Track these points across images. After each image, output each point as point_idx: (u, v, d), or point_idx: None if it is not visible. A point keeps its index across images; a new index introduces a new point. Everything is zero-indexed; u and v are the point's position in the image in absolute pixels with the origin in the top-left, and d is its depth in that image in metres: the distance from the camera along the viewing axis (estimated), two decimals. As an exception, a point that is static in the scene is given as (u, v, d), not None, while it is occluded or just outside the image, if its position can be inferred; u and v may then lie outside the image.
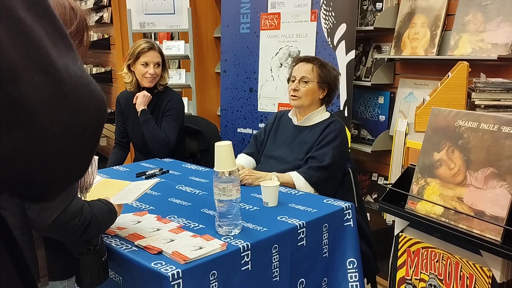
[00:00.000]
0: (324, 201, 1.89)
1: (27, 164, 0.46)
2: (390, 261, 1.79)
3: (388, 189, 1.76)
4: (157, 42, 3.55)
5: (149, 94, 2.61)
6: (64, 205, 1.19)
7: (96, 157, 1.42)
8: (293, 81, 2.25)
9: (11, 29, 0.43)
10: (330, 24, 2.91)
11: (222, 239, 1.49)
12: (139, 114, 2.59)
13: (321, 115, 2.28)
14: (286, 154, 2.26)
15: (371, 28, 2.82)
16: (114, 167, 2.54)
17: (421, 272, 1.65)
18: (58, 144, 0.47)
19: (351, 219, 1.82)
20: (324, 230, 1.74)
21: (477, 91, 1.93)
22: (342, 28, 2.85)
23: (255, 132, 3.04)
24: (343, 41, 2.85)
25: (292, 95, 2.25)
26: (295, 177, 2.11)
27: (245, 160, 2.39)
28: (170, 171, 2.35)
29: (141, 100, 2.59)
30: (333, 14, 2.89)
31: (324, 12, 2.93)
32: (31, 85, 0.44)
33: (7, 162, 0.45)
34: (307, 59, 2.29)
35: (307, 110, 2.27)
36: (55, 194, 0.53)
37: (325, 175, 2.11)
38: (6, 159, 0.45)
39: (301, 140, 2.25)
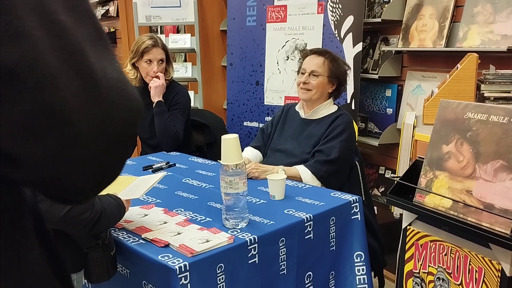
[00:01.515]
0: (331, 194, 1.88)
1: (62, 168, 0.46)
2: (398, 254, 1.78)
3: (396, 182, 1.74)
4: (162, 36, 3.55)
5: (161, 82, 2.59)
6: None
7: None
8: (303, 73, 2.24)
9: (51, 33, 0.43)
10: (337, 16, 2.88)
11: (229, 232, 1.49)
12: (154, 104, 2.58)
13: (329, 108, 2.26)
14: (293, 147, 2.25)
15: (379, 20, 2.79)
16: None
17: (429, 266, 1.64)
18: (93, 149, 0.47)
19: (359, 212, 1.81)
20: (331, 223, 1.74)
21: (487, 83, 1.91)
22: (349, 20, 2.83)
23: (261, 125, 3.03)
24: (350, 33, 2.83)
25: (301, 88, 2.24)
26: (302, 170, 2.10)
27: (251, 153, 2.38)
28: (176, 165, 2.35)
29: (154, 92, 2.58)
30: (340, 6, 2.86)
31: (331, 4, 2.90)
32: (69, 90, 0.44)
33: (43, 165, 0.45)
34: (318, 52, 2.27)
35: (314, 103, 2.25)
36: (88, 197, 0.53)
37: (332, 169, 2.10)
38: (42, 162, 0.45)
39: (308, 133, 2.24)
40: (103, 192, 1.39)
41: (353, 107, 2.83)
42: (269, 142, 2.39)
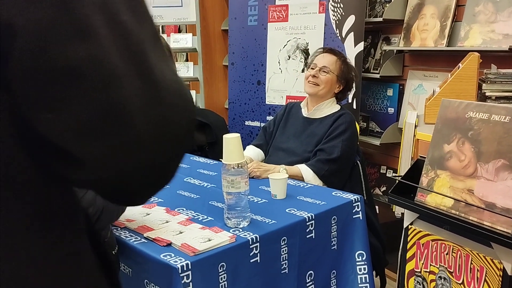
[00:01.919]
0: (333, 193, 1.89)
1: (122, 168, 0.47)
2: (399, 253, 1.78)
3: (397, 181, 1.75)
4: (164, 36, 3.55)
5: None
6: (80, 195, 1.20)
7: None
8: (313, 68, 2.25)
9: (115, 32, 0.43)
10: (339, 15, 2.89)
11: (230, 231, 1.49)
12: None
13: (331, 107, 2.27)
14: (295, 146, 2.26)
15: (380, 19, 2.79)
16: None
17: (430, 265, 1.64)
18: (152, 149, 0.47)
19: (360, 212, 1.82)
20: (332, 222, 1.74)
21: (488, 82, 1.91)
22: (350, 20, 2.83)
23: (263, 125, 3.04)
24: (352, 33, 2.83)
25: (309, 81, 2.25)
26: (304, 169, 2.10)
27: (253, 152, 2.38)
28: (178, 164, 2.35)
29: None
30: (342, 5, 2.86)
31: (333, 3, 2.90)
32: (131, 89, 0.44)
33: (104, 165, 0.46)
34: (333, 51, 2.32)
35: (319, 100, 2.26)
36: (144, 198, 0.53)
37: (334, 168, 2.10)
38: (103, 161, 0.45)
39: (311, 132, 2.24)
40: None
41: (354, 107, 2.84)
42: (271, 141, 2.39)
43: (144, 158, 0.47)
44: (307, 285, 1.67)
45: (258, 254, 1.48)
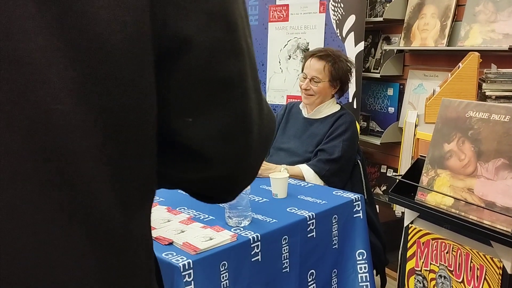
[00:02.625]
0: (334, 192, 1.89)
1: (239, 168, 0.55)
2: (400, 252, 1.79)
3: (398, 180, 1.75)
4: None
5: None
6: None
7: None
8: (305, 78, 2.24)
9: (248, 53, 0.52)
10: (339, 15, 2.89)
11: (232, 230, 1.50)
12: None
13: (331, 107, 2.27)
14: (296, 146, 2.26)
15: (380, 19, 2.80)
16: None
17: (431, 263, 1.65)
18: (258, 152, 0.55)
19: (361, 211, 1.82)
20: (333, 221, 1.75)
21: (488, 81, 1.91)
22: (351, 20, 2.83)
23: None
24: (352, 32, 2.83)
25: (304, 93, 2.25)
26: (305, 170, 2.11)
27: None
28: (179, 163, 2.36)
29: None
30: (342, 5, 2.87)
31: (333, 3, 2.91)
32: (253, 101, 0.53)
33: (228, 165, 0.53)
34: (319, 56, 2.25)
35: (317, 104, 2.27)
36: (236, 195, 0.61)
37: (335, 168, 2.11)
38: (228, 162, 0.53)
39: (311, 132, 2.25)
40: None
41: (355, 106, 2.84)
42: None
43: (253, 159, 0.56)
44: (309, 284, 1.68)
45: (259, 253, 1.48)
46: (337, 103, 2.34)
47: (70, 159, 0.43)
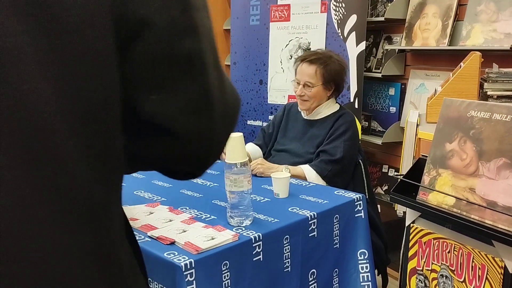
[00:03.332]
0: (335, 192, 1.90)
1: (204, 142, 0.57)
2: (401, 252, 1.79)
3: (399, 180, 1.75)
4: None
5: None
6: None
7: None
8: (298, 83, 2.22)
9: (205, 32, 0.55)
10: (340, 15, 2.89)
11: (233, 230, 1.50)
12: None
13: (330, 108, 2.27)
14: (297, 148, 2.26)
15: (382, 19, 2.80)
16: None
17: (432, 263, 1.65)
18: (221, 127, 0.58)
19: (362, 211, 1.82)
20: (335, 221, 1.75)
21: (490, 81, 1.91)
22: (352, 19, 2.83)
23: (265, 124, 3.05)
24: (354, 32, 2.83)
25: (299, 99, 2.24)
26: (307, 170, 2.11)
27: (252, 148, 2.39)
28: (181, 163, 2.36)
29: None
30: (343, 5, 2.87)
31: (334, 3, 2.91)
32: (213, 77, 0.55)
33: (193, 139, 0.56)
34: (310, 60, 2.21)
35: (314, 107, 2.25)
36: (206, 169, 0.64)
37: (337, 169, 2.11)
38: (193, 135, 0.56)
39: (312, 134, 2.24)
40: None
41: (356, 106, 2.84)
42: (271, 143, 2.39)
43: (218, 135, 0.58)
44: (310, 283, 1.68)
45: (261, 252, 1.48)
46: (336, 102, 2.32)
47: (49, 141, 0.45)
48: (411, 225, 1.72)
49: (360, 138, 2.76)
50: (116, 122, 0.51)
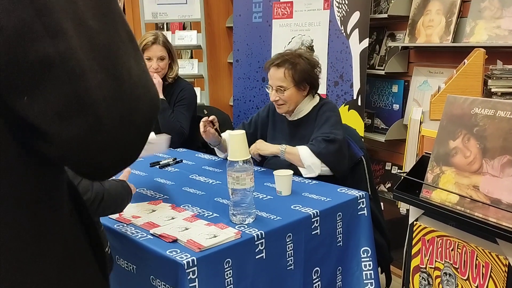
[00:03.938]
0: (338, 190, 1.89)
1: (85, 148, 0.54)
2: (405, 249, 1.78)
3: (402, 177, 1.75)
4: (169, 33, 3.56)
5: (159, 80, 2.61)
6: (76, 181, 1.21)
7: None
8: (271, 87, 2.20)
9: (81, 35, 0.52)
10: (343, 12, 2.88)
11: (236, 227, 1.50)
12: None
13: (310, 103, 2.23)
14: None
15: (385, 15, 2.78)
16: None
17: (436, 261, 1.64)
18: (115, 135, 0.55)
19: (365, 208, 1.82)
20: (338, 219, 1.74)
21: (494, 78, 1.90)
22: (355, 16, 2.82)
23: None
24: (357, 29, 2.82)
25: (276, 105, 2.22)
26: (302, 149, 2.08)
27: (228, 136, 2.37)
28: (183, 161, 2.36)
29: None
30: (346, 2, 2.86)
31: (337, 0, 2.90)
32: (94, 83, 0.52)
33: (69, 144, 0.54)
34: (277, 64, 2.17)
35: (292, 110, 2.23)
36: (110, 175, 0.61)
37: (332, 148, 2.06)
38: (68, 141, 0.53)
39: (301, 134, 2.23)
40: None
41: (359, 103, 2.83)
42: (257, 132, 2.39)
43: (107, 142, 0.55)
44: (313, 281, 1.68)
45: (264, 250, 1.48)
46: (315, 94, 2.27)
47: None
48: (415, 222, 1.71)
49: (363, 135, 2.76)
50: None
